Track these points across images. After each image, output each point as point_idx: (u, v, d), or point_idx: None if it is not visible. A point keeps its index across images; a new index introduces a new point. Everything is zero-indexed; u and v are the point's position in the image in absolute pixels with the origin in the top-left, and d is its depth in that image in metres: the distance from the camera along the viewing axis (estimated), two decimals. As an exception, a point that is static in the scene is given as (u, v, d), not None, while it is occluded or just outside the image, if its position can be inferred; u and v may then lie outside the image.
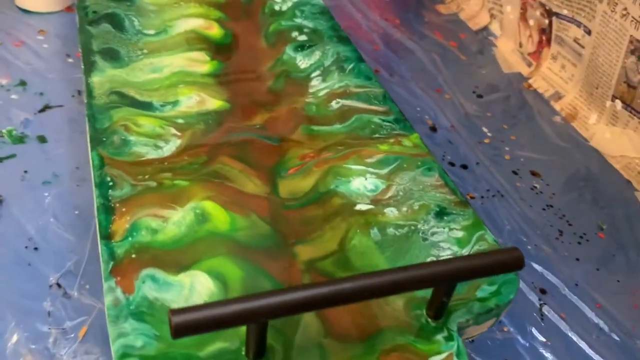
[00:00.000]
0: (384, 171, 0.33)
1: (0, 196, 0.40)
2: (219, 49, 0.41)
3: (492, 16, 0.67)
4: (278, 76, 0.39)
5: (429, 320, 0.26)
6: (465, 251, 0.29)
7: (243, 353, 0.23)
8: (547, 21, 0.58)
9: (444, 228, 0.30)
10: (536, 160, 0.51)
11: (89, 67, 0.37)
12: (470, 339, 0.28)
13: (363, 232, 0.29)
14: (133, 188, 0.29)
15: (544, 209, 0.47)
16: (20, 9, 0.59)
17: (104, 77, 0.36)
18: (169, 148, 0.32)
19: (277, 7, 0.46)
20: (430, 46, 0.64)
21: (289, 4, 0.47)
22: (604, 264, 0.43)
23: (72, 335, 0.33)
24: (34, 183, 0.41)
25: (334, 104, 0.37)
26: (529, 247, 0.43)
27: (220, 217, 0.29)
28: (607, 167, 0.52)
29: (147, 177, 0.30)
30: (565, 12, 0.56)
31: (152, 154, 0.32)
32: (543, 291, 0.40)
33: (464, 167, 0.49)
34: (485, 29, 0.68)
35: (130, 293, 0.25)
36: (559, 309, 0.39)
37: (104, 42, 0.39)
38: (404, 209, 0.31)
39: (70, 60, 0.53)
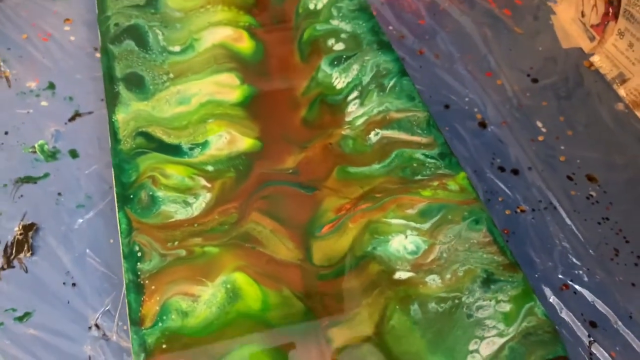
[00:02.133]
0: (427, 225, 0.30)
1: (36, 225, 0.40)
2: (249, 69, 0.38)
3: (552, -24, 0.60)
4: (312, 102, 0.36)
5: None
6: (512, 330, 0.27)
7: None
8: (616, -8, 0.52)
9: (490, 300, 0.28)
10: (594, 161, 0.47)
11: (113, 100, 0.35)
12: None
13: (402, 310, 0.27)
14: (162, 259, 0.28)
15: (599, 223, 0.43)
16: (45, -7, 0.56)
17: (129, 113, 0.35)
18: (199, 205, 0.31)
19: (311, 6, 0.42)
20: (482, 17, 0.58)
21: (325, 0, 0.42)
22: (663, 290, 0.40)
23: (115, 383, 0.34)
24: (67, 207, 0.41)
25: (373, 136, 0.34)
26: (579, 271, 0.41)
27: (251, 294, 0.27)
28: (674, 167, 0.47)
29: (176, 243, 0.29)
30: (638, -15, 0.49)
31: (181, 214, 0.30)
32: (593, 324, 0.38)
33: (515, 172, 0.46)
34: (544, -7, 0.61)
35: (162, 391, 0.25)
36: (609, 345, 0.37)
37: (127, 65, 0.37)
38: (448, 276, 0.29)
39: (97, 55, 0.51)
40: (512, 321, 0.27)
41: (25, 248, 0.38)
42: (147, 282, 0.28)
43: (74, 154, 0.44)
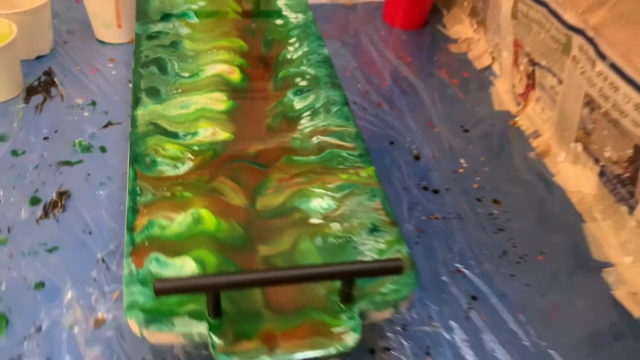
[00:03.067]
0: (338, 195, 0.44)
1: (69, 192, 0.54)
2: (235, 91, 0.53)
3: (493, 58, 0.76)
4: (276, 115, 0.51)
5: (340, 304, 0.37)
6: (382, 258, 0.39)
7: (207, 312, 0.35)
8: (531, 68, 0.67)
9: (372, 241, 0.41)
10: (501, 190, 0.60)
11: (136, 102, 0.50)
12: (378, 322, 0.38)
13: (310, 240, 0.40)
14: (153, 196, 0.42)
15: (495, 232, 0.56)
16: (98, 40, 0.74)
17: (146, 110, 0.50)
18: (184, 168, 0.45)
19: (289, 56, 0.58)
20: (434, 84, 0.74)
21: (300, 52, 0.58)
22: (534, 282, 0.52)
23: (109, 297, 0.46)
24: (93, 183, 0.55)
25: (315, 140, 0.49)
26: (472, 261, 0.53)
27: (210, 221, 0.41)
28: (564, 200, 0.60)
29: (164, 189, 0.43)
30: (544, 62, 0.64)
31: (171, 172, 0.44)
32: (474, 298, 0.50)
33: (435, 191, 0.59)
34: (489, 68, 0.77)
35: (140, 268, 0.37)
36: (483, 313, 0.49)
37: (149, 82, 0.53)
38: (345, 224, 0.42)
39: (131, 85, 0.67)
40: (383, 254, 0.40)
41: (59, 206, 0.52)
42: (141, 208, 0.41)
43: (103, 149, 0.59)
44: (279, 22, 0.63)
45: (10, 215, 0.52)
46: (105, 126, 0.62)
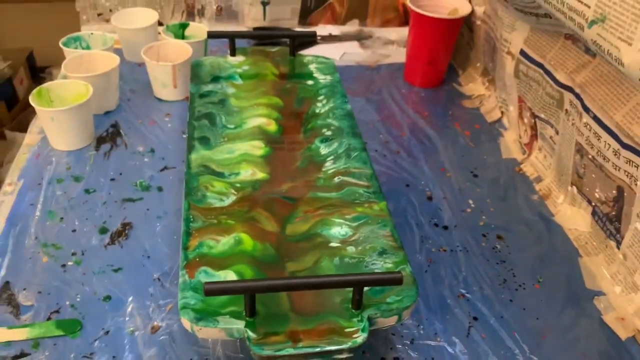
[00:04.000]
0: (354, 224, 0.52)
1: (131, 223, 0.64)
2: (271, 140, 0.63)
3: (502, 112, 0.85)
4: (304, 159, 0.61)
5: (352, 310, 0.45)
6: (389, 276, 0.48)
7: (244, 313, 0.44)
8: (533, 121, 0.75)
9: (381, 261, 0.49)
10: (505, 228, 0.68)
11: (190, 148, 0.61)
12: (382, 328, 0.46)
13: (329, 259, 0.49)
14: (203, 223, 0.52)
15: (497, 263, 0.63)
16: (156, 98, 0.86)
17: (198, 155, 0.60)
18: (228, 201, 0.54)
19: (317, 110, 0.68)
20: (448, 134, 0.83)
21: (327, 107, 0.69)
22: (530, 306, 0.58)
23: (163, 308, 0.55)
24: (151, 217, 0.66)
25: (336, 179, 0.58)
26: (475, 287, 0.60)
27: (248, 243, 0.50)
28: (563, 237, 0.67)
29: (212, 217, 0.52)
30: (543, 115, 0.73)
31: (217, 204, 0.54)
32: (475, 318, 0.57)
33: (445, 227, 0.67)
34: (498, 122, 0.85)
35: (192, 278, 0.47)
36: (482, 331, 0.56)
37: (201, 132, 0.63)
38: (359, 247, 0.50)
39: (184, 135, 0.78)
40: (393, 270, 0.48)
41: (123, 235, 0.63)
42: (193, 232, 0.51)
43: (160, 189, 0.70)
44: (310, 82, 0.74)
45: (84, 241, 0.62)
46: (162, 170, 0.73)
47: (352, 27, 1.09)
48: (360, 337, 0.43)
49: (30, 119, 0.81)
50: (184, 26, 0.93)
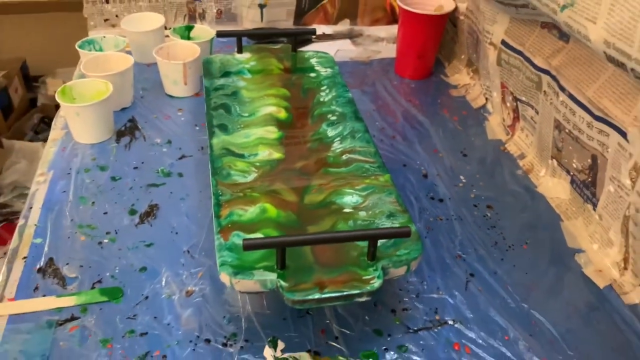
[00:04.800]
0: (364, 193, 0.60)
1: (158, 205, 0.71)
2: (283, 125, 0.70)
3: (486, 99, 0.93)
4: (314, 140, 0.68)
5: (367, 261, 0.52)
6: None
7: (276, 267, 0.51)
8: (515, 104, 0.83)
9: (389, 222, 0.56)
10: (494, 199, 0.75)
11: (211, 134, 0.68)
12: (394, 278, 0.53)
13: (344, 222, 0.56)
14: (231, 196, 0.59)
15: (488, 229, 0.71)
16: (168, 95, 0.92)
17: (219, 140, 0.67)
18: (251, 177, 0.61)
19: (322, 99, 0.75)
20: (438, 120, 0.91)
21: (330, 96, 0.76)
22: (520, 264, 0.66)
23: (195, 275, 0.62)
24: (175, 199, 0.72)
25: (344, 157, 0.65)
26: (470, 249, 0.67)
27: (272, 212, 0.57)
28: (546, 205, 0.75)
29: (238, 191, 0.59)
30: (524, 98, 0.81)
31: (241, 180, 0.61)
32: (472, 274, 0.64)
33: (440, 200, 0.75)
34: (483, 107, 0.93)
35: (227, 240, 0.53)
36: (479, 285, 0.63)
37: (219, 120, 0.70)
38: (370, 212, 0.57)
39: (197, 128, 0.85)
40: (399, 231, 0.55)
41: (151, 215, 0.69)
42: (223, 203, 0.57)
43: (180, 175, 0.76)
44: (312, 75, 0.81)
45: (116, 222, 0.68)
46: (180, 158, 0.79)
47: (344, 26, 1.17)
48: (377, 283, 0.50)
49: (26, 127, 0.87)
50: (189, 28, 0.99)
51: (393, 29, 1.16)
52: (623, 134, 0.60)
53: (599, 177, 0.66)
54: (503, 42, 0.82)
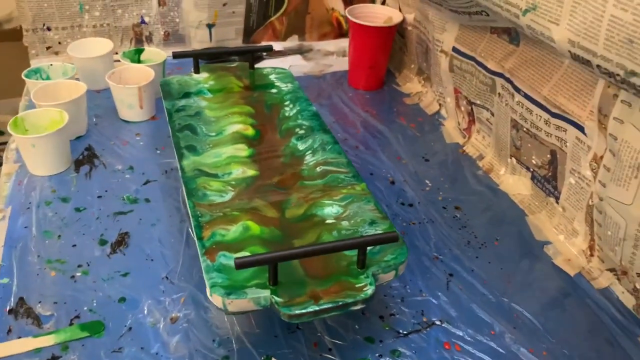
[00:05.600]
0: (343, 203, 0.60)
1: (128, 232, 0.69)
2: (252, 142, 0.70)
3: (440, 105, 0.96)
4: (286, 155, 0.68)
5: (358, 269, 0.52)
6: (382, 240, 0.56)
7: (268, 283, 0.50)
8: (470, 107, 0.87)
9: (372, 230, 0.57)
10: (460, 199, 0.78)
11: (180, 156, 0.67)
12: (384, 283, 0.54)
13: (329, 233, 0.56)
14: (211, 217, 0.58)
15: (460, 229, 0.73)
16: (123, 120, 0.90)
17: (189, 161, 0.66)
18: (228, 196, 0.61)
19: (287, 114, 0.76)
20: (396, 128, 0.93)
21: (294, 111, 0.76)
22: (494, 260, 0.68)
23: (178, 301, 0.60)
24: (146, 225, 0.70)
25: (318, 169, 0.65)
26: (445, 250, 0.69)
27: (255, 229, 0.56)
28: (510, 202, 0.78)
29: (217, 211, 0.58)
30: (478, 101, 0.84)
31: (219, 200, 0.60)
32: (451, 274, 0.66)
33: (410, 205, 0.76)
34: (437, 113, 0.96)
35: (213, 262, 0.53)
36: (459, 284, 0.65)
37: (186, 141, 0.69)
38: (352, 221, 0.58)
39: (158, 151, 0.83)
40: (383, 237, 0.56)
41: (123, 244, 0.67)
42: (204, 225, 0.57)
43: (147, 200, 0.74)
44: (273, 91, 0.81)
45: (87, 253, 0.66)
46: (145, 183, 0.77)
47: (293, 42, 1.18)
48: (370, 290, 0.51)
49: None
50: (139, 51, 0.98)
51: (341, 43, 1.18)
52: (580, 128, 0.63)
53: (559, 171, 0.70)
54: (454, 49, 0.85)
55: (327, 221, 0.58)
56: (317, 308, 0.49)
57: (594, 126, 0.60)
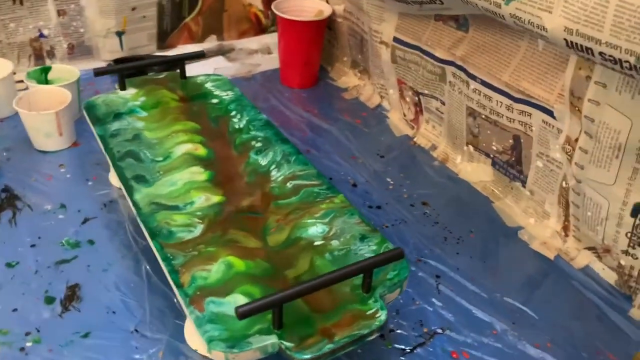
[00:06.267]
0: (326, 220, 0.55)
1: (78, 284, 0.60)
2: (207, 163, 0.63)
3: (381, 97, 0.93)
4: (249, 173, 0.62)
5: (364, 294, 0.48)
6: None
7: (272, 327, 0.45)
8: (416, 98, 0.84)
9: (365, 246, 0.53)
10: (425, 195, 0.76)
11: (129, 190, 0.58)
12: (389, 302, 0.50)
13: (321, 257, 0.51)
14: (184, 257, 0.51)
15: (433, 226, 0.71)
16: (39, 151, 0.79)
17: (142, 194, 0.58)
18: (198, 230, 0.54)
19: (236, 126, 0.69)
20: (342, 126, 0.89)
21: (244, 121, 0.70)
22: (475, 254, 0.67)
23: (156, 357, 0.53)
24: (96, 271, 0.61)
25: (289, 185, 0.60)
26: (426, 251, 0.67)
27: (239, 264, 0.50)
28: (472, 190, 0.77)
29: (190, 250, 0.52)
30: (426, 91, 0.82)
31: (188, 236, 0.53)
32: (438, 276, 0.64)
33: (379, 207, 0.73)
34: (379, 106, 0.94)
35: (203, 311, 0.46)
36: (449, 285, 0.63)
37: (132, 171, 0.61)
38: (341, 239, 0.53)
39: (90, 183, 0.74)
40: (378, 252, 0.52)
41: (75, 298, 0.58)
42: (179, 269, 0.49)
43: (91, 242, 0.65)
44: (214, 101, 0.74)
45: (33, 317, 0.56)
46: (83, 222, 0.68)
47: (211, 43, 1.10)
48: (382, 315, 0.47)
49: None
50: (45, 70, 0.86)
51: (264, 39, 1.12)
52: (548, 112, 0.62)
53: (525, 155, 0.69)
54: (396, 40, 0.82)
55: (315, 243, 0.53)
56: (333, 347, 0.44)
57: (565, 109, 0.60)
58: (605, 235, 0.60)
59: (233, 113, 0.72)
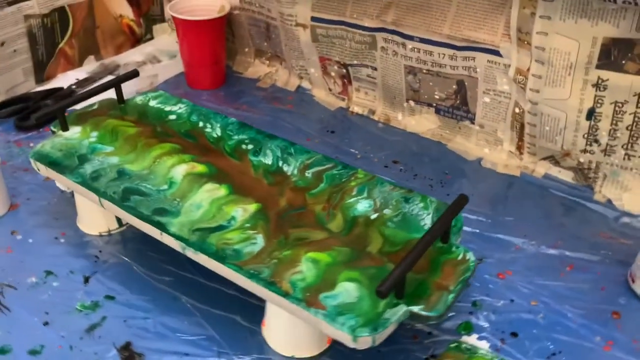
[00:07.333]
0: (365, 195, 0.58)
1: (129, 341, 0.54)
2: (215, 177, 0.60)
3: (300, 77, 0.96)
4: (264, 175, 0.61)
5: (442, 245, 0.52)
6: (431, 211, 0.56)
7: (395, 298, 0.47)
8: (344, 70, 0.89)
9: (414, 206, 0.57)
10: (389, 154, 0.81)
11: (160, 226, 0.54)
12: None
13: (387, 227, 0.54)
14: (269, 269, 0.50)
15: (414, 179, 0.77)
16: (-23, 225, 0.67)
17: (177, 226, 0.54)
18: (260, 241, 0.53)
19: (215, 135, 0.67)
20: (278, 114, 0.90)
21: (218, 129, 0.68)
22: (460, 190, 0.74)
23: (260, 377, 0.52)
24: (136, 322, 0.56)
25: (308, 175, 0.61)
26: (425, 201, 0.72)
27: (323, 257, 0.51)
28: (423, 140, 0.84)
29: (267, 260, 0.51)
30: (355, 62, 0.86)
31: (256, 248, 0.52)
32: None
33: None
34: (300, 87, 0.96)
35: (324, 309, 0.46)
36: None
37: (146, 208, 0.56)
38: (390, 206, 0.57)
39: (62, 240, 0.65)
40: (427, 208, 0.56)
41: (136, 356, 0.53)
42: (273, 280, 0.49)
43: (110, 297, 0.59)
44: (172, 117, 0.70)
45: (104, 392, 0.50)
46: (86, 281, 0.61)
47: (91, 64, 1.01)
48: (469, 256, 0.51)
49: None
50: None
51: (145, 49, 1.06)
52: (492, 52, 0.71)
53: (470, 96, 0.78)
54: (315, 19, 0.85)
55: (372, 217, 0.56)
56: (455, 295, 0.48)
57: (511, 46, 0.69)
58: (565, 141, 0.71)
59: (202, 124, 0.69)
